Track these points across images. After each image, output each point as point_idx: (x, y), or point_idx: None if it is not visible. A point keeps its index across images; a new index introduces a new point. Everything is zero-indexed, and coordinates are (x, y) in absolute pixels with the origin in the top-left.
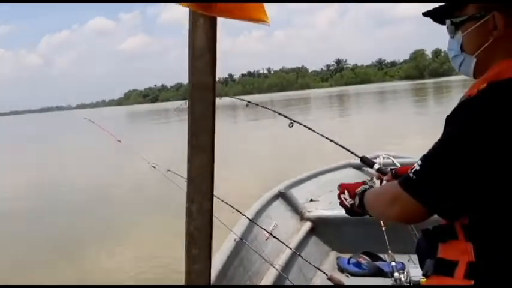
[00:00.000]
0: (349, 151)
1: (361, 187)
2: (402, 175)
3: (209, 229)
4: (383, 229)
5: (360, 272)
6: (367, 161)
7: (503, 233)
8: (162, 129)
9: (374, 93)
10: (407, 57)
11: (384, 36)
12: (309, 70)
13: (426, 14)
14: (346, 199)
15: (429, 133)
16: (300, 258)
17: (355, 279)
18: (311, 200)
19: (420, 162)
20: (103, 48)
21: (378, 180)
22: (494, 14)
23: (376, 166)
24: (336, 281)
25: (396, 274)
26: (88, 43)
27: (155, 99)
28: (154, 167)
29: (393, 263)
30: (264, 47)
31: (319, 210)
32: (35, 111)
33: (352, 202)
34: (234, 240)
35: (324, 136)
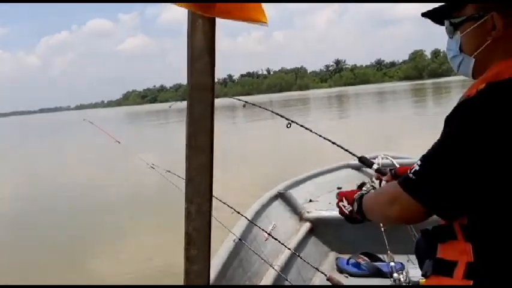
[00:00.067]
0: (347, 151)
1: (358, 193)
2: (401, 175)
3: (208, 230)
4: (382, 230)
5: (359, 273)
6: (366, 161)
7: (502, 233)
8: (161, 130)
9: (373, 93)
10: (406, 57)
11: (383, 36)
12: (308, 71)
13: (425, 15)
14: (344, 206)
15: (428, 133)
16: (299, 258)
17: (354, 279)
18: (310, 201)
19: (419, 162)
20: (102, 49)
21: (377, 180)
22: (492, 15)
23: (375, 166)
24: (335, 282)
25: (395, 274)
26: (87, 44)
27: (154, 99)
28: (153, 168)
29: (392, 264)
30: (263, 48)
31: (318, 210)
32: (35, 112)
33: (350, 209)
34: (233, 240)
35: (322, 136)
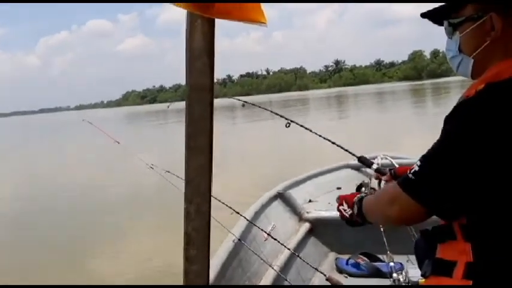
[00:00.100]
0: (347, 151)
1: (358, 195)
2: (401, 175)
3: (207, 230)
4: (381, 230)
5: (359, 273)
6: (365, 161)
7: (501, 233)
8: (161, 130)
9: (372, 94)
10: (405, 58)
11: (382, 37)
12: (308, 71)
13: (424, 15)
14: (345, 210)
15: (428, 134)
16: (299, 259)
17: (353, 280)
18: (309, 201)
19: (419, 162)
20: (102, 49)
21: (377, 180)
22: (491, 15)
23: (374, 166)
24: (335, 282)
25: (395, 275)
26: (87, 44)
27: (153, 100)
28: (152, 168)
29: (392, 264)
30: (263, 48)
31: (317, 211)
32: (34, 112)
33: (351, 212)
34: (233, 241)
35: (321, 136)
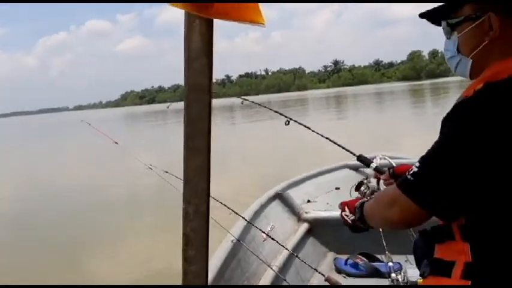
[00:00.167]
0: (346, 150)
1: (360, 201)
2: (399, 174)
3: (206, 230)
4: (380, 230)
5: (357, 273)
6: (364, 160)
7: (500, 233)
8: (160, 130)
9: (371, 94)
10: (404, 58)
11: (381, 37)
12: (306, 71)
13: (422, 16)
14: (347, 215)
15: (426, 134)
16: (298, 259)
17: (352, 280)
18: (308, 201)
19: (418, 164)
20: (100, 49)
21: (375, 179)
22: (489, 15)
23: (373, 165)
24: (333, 282)
25: (393, 275)
26: (85, 45)
27: (152, 100)
28: (151, 169)
29: (390, 264)
30: (261, 49)
31: (316, 211)
32: (33, 112)
33: (353, 217)
34: (231, 241)
35: (319, 133)
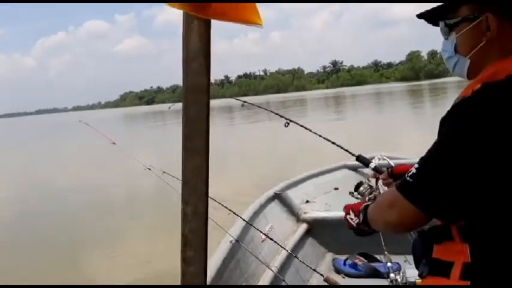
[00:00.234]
0: (345, 150)
1: (364, 204)
2: (398, 174)
3: (204, 231)
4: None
5: (356, 273)
6: (363, 160)
7: (499, 234)
8: (159, 131)
9: (370, 94)
10: (403, 58)
11: (380, 37)
12: (305, 72)
13: (420, 16)
14: (352, 219)
15: (425, 134)
16: (296, 259)
17: (351, 280)
18: (307, 202)
19: (417, 165)
20: (99, 50)
21: (374, 179)
22: (487, 16)
23: (372, 165)
24: (332, 282)
25: (392, 275)
26: (84, 45)
27: (151, 101)
28: (149, 169)
29: (389, 264)
30: (260, 49)
31: (315, 211)
32: (31, 113)
33: (357, 221)
34: (230, 242)
35: (319, 135)
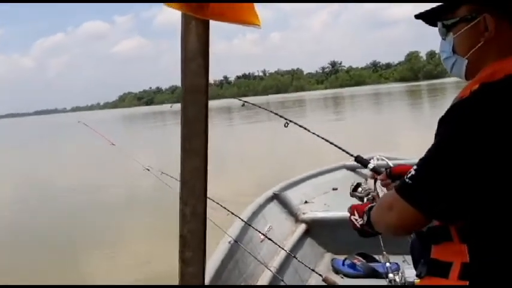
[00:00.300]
0: (343, 150)
1: (369, 205)
2: (396, 174)
3: (203, 232)
4: None
5: (355, 273)
6: (361, 161)
7: (497, 234)
8: (158, 131)
9: (369, 95)
10: (402, 59)
11: (379, 38)
12: (304, 72)
13: (418, 16)
14: (356, 219)
15: (424, 134)
16: (295, 260)
17: (350, 280)
18: (306, 202)
19: (416, 166)
20: (98, 50)
21: (372, 179)
22: (485, 16)
23: (370, 166)
24: (331, 282)
25: (391, 275)
26: (83, 46)
27: (150, 101)
28: (148, 170)
29: (388, 264)
30: (259, 50)
31: (314, 212)
32: (30, 114)
33: (362, 222)
34: (229, 242)
35: (318, 135)
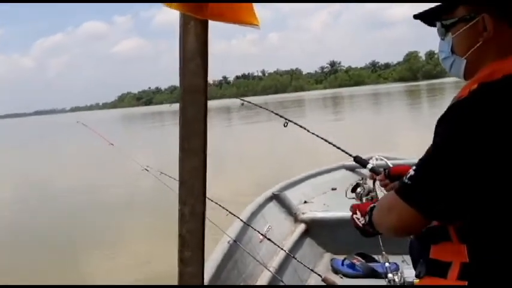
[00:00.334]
0: (342, 151)
1: (371, 205)
2: (395, 175)
3: (202, 232)
4: None
5: (354, 273)
6: (360, 161)
7: (496, 234)
8: (157, 131)
9: (368, 95)
10: (401, 59)
11: (378, 38)
12: (303, 72)
13: (417, 17)
14: (358, 219)
15: (423, 134)
16: (294, 260)
17: (349, 280)
18: (305, 202)
19: (415, 167)
20: (97, 51)
21: (371, 180)
22: (483, 16)
23: (369, 166)
24: (330, 282)
25: (390, 275)
26: (82, 46)
27: (149, 101)
28: (147, 170)
29: (387, 264)
30: (258, 50)
31: (313, 212)
32: (29, 114)
33: (363, 221)
34: (228, 242)
35: (317, 135)
